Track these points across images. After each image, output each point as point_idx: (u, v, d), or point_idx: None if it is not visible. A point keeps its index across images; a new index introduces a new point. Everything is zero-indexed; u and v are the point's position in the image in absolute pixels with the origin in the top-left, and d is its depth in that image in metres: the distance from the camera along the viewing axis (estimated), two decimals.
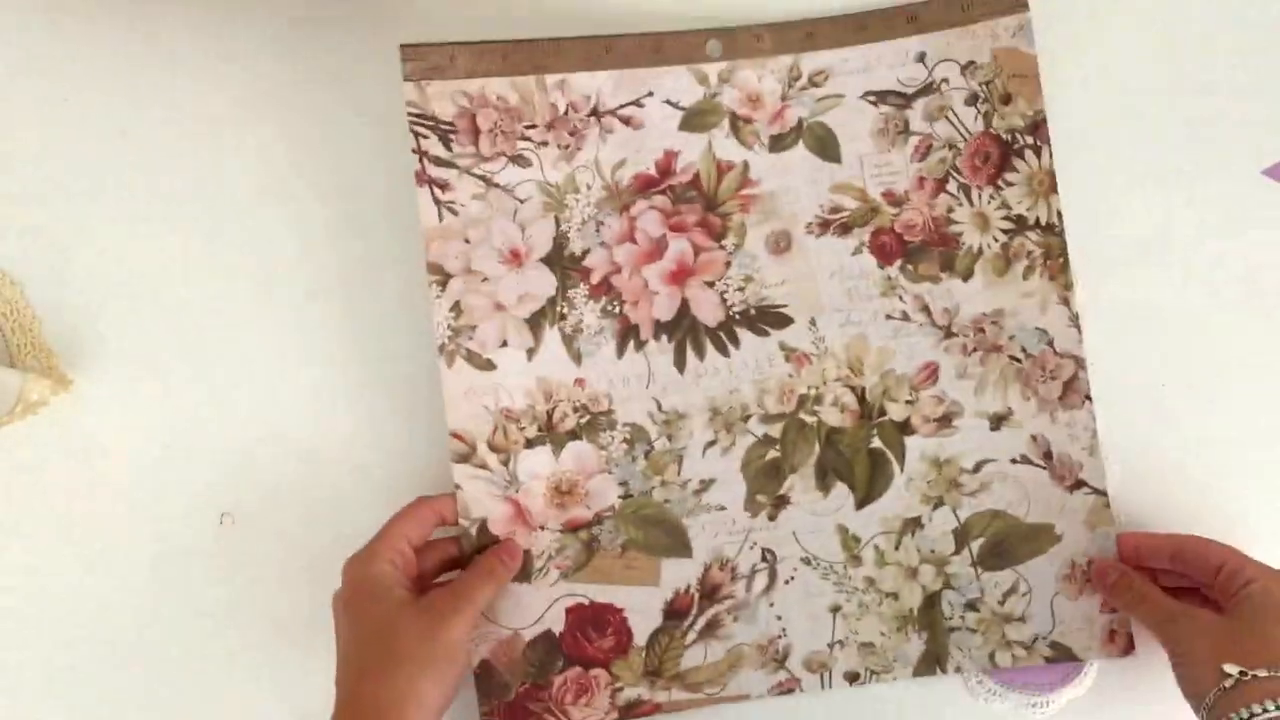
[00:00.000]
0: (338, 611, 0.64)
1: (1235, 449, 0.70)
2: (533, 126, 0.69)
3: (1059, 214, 0.69)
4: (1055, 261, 0.69)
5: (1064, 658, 0.68)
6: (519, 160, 0.69)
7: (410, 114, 0.68)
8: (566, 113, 0.69)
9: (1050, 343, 0.69)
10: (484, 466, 0.68)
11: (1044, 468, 0.68)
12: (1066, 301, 0.69)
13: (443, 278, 0.68)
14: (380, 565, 0.64)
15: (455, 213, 0.68)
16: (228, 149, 0.72)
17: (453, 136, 0.68)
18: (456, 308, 0.68)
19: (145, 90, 0.72)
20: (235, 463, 0.70)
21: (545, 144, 0.69)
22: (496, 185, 0.69)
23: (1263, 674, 0.58)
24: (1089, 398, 0.68)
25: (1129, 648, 0.68)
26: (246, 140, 0.72)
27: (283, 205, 0.71)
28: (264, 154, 0.72)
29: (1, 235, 0.71)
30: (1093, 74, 0.72)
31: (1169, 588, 0.65)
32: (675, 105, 0.69)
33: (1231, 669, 0.58)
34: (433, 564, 0.67)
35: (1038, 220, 0.69)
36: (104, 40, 0.72)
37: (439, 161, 0.68)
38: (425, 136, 0.68)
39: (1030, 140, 0.69)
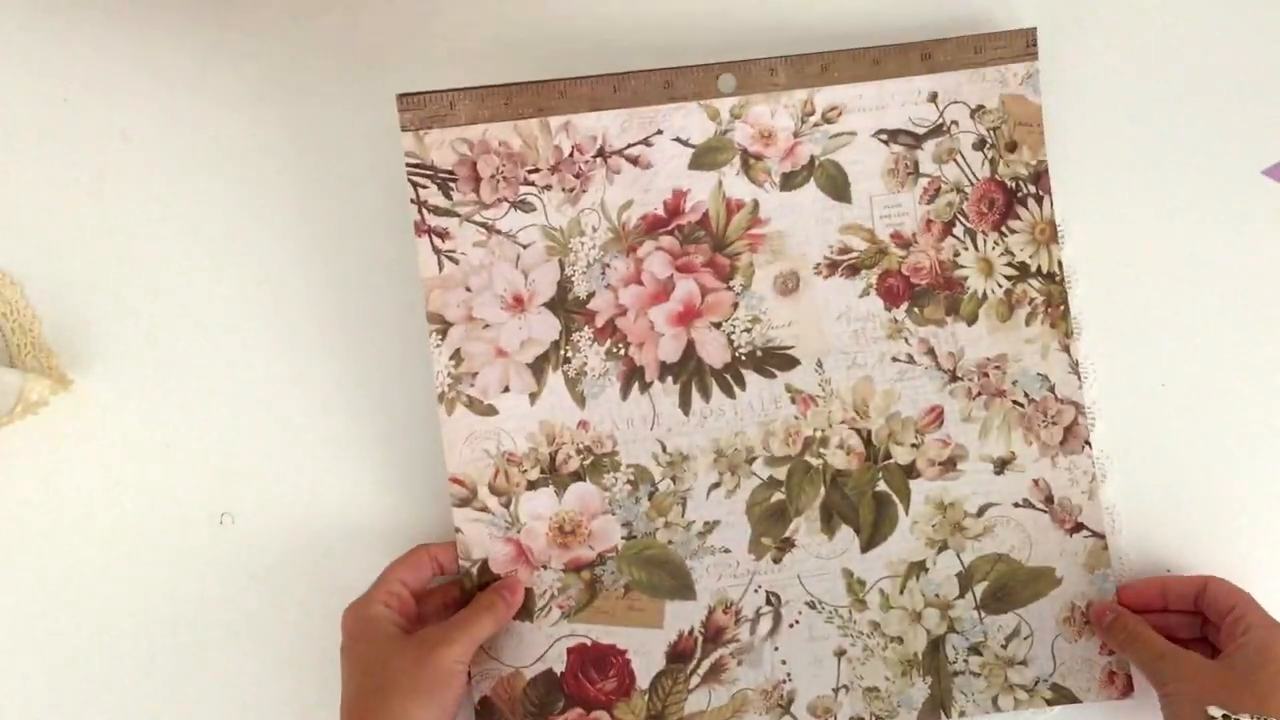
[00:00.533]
0: (342, 660, 0.63)
1: (1235, 449, 0.71)
2: (536, 170, 0.68)
3: (1059, 263, 0.69)
4: (1056, 309, 0.69)
5: (1065, 699, 0.68)
6: (522, 205, 0.68)
7: (408, 164, 0.68)
8: (572, 155, 0.68)
9: (1051, 388, 0.69)
10: (485, 509, 0.67)
11: (1045, 511, 0.69)
12: (1067, 349, 0.69)
13: (443, 326, 0.68)
14: (374, 608, 0.64)
15: (456, 261, 0.68)
16: (229, 151, 0.72)
17: (453, 185, 0.68)
18: (456, 355, 0.67)
19: (145, 92, 0.72)
20: (235, 463, 0.70)
21: (549, 188, 0.68)
22: (498, 232, 0.68)
23: (1245, 718, 0.59)
24: (1088, 443, 0.69)
25: (1128, 689, 0.68)
26: (248, 142, 0.71)
27: (284, 213, 0.72)
28: (266, 158, 0.71)
29: (1, 235, 0.71)
30: (1093, 73, 0.72)
31: (1180, 639, 0.66)
32: (685, 143, 0.69)
33: (1216, 712, 0.59)
34: (435, 608, 0.67)
35: (1039, 268, 0.69)
36: (104, 40, 0.72)
37: (438, 211, 0.68)
38: (424, 186, 0.68)
39: (1033, 189, 0.70)
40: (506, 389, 0.68)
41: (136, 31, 0.72)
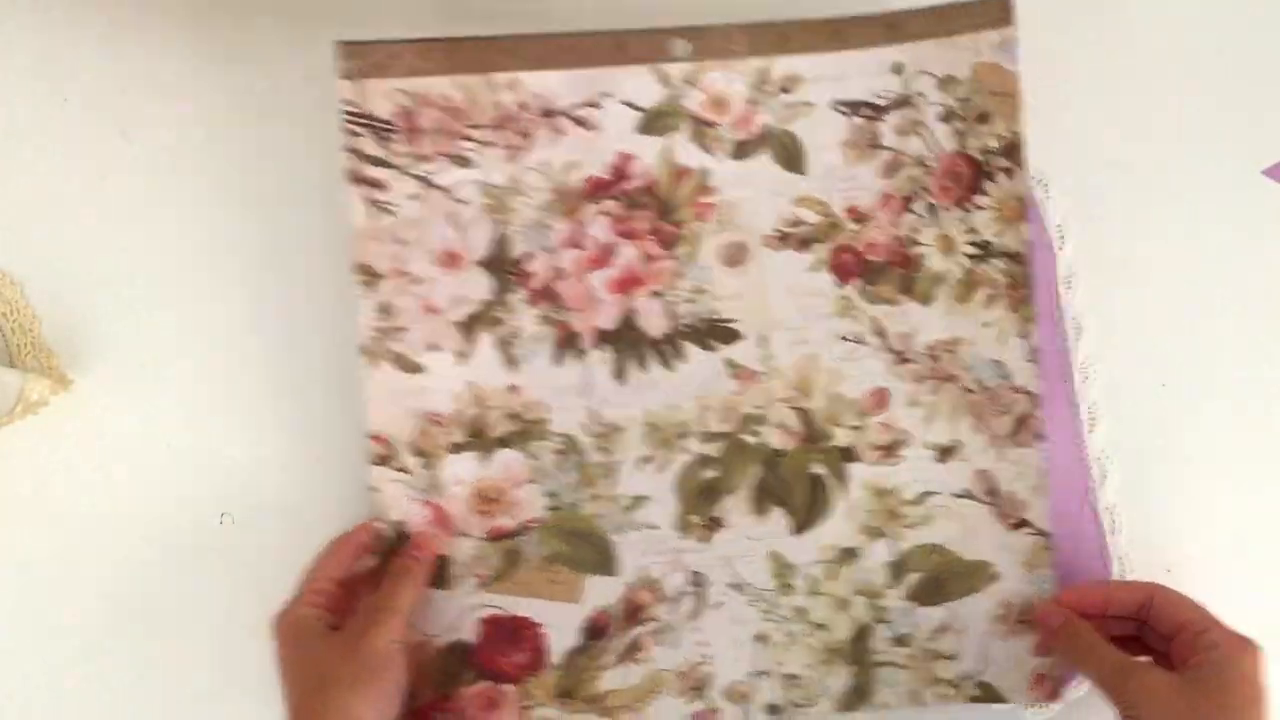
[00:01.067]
0: (278, 670, 0.61)
1: (1235, 450, 0.70)
2: (477, 126, 0.64)
3: (1025, 244, 0.66)
4: (1017, 292, 0.66)
5: (990, 699, 0.66)
6: (461, 161, 0.65)
7: (346, 112, 0.64)
8: (516, 113, 0.64)
9: (1007, 377, 0.66)
10: (404, 470, 0.65)
11: (988, 504, 0.66)
12: (1027, 335, 0.66)
13: (371, 278, 0.64)
14: (298, 609, 0.62)
15: (391, 213, 0.64)
16: (229, 150, 0.71)
17: (391, 135, 0.64)
18: (385, 309, 0.64)
19: (145, 91, 0.71)
20: (235, 463, 0.69)
21: (491, 144, 0.65)
22: (435, 186, 0.64)
23: None
24: (1040, 436, 0.66)
25: (1055, 693, 0.66)
26: (248, 142, 0.70)
27: (284, 214, 0.70)
28: (266, 158, 0.70)
29: (1, 235, 0.70)
30: (1092, 73, 0.71)
31: (1114, 639, 0.63)
32: (634, 106, 0.65)
33: None
34: (369, 591, 0.64)
35: (1005, 248, 0.66)
36: (104, 40, 0.71)
37: (374, 160, 0.64)
38: (359, 135, 0.64)
39: (1003, 163, 0.66)
40: (435, 347, 0.65)
41: (136, 31, 0.71)
